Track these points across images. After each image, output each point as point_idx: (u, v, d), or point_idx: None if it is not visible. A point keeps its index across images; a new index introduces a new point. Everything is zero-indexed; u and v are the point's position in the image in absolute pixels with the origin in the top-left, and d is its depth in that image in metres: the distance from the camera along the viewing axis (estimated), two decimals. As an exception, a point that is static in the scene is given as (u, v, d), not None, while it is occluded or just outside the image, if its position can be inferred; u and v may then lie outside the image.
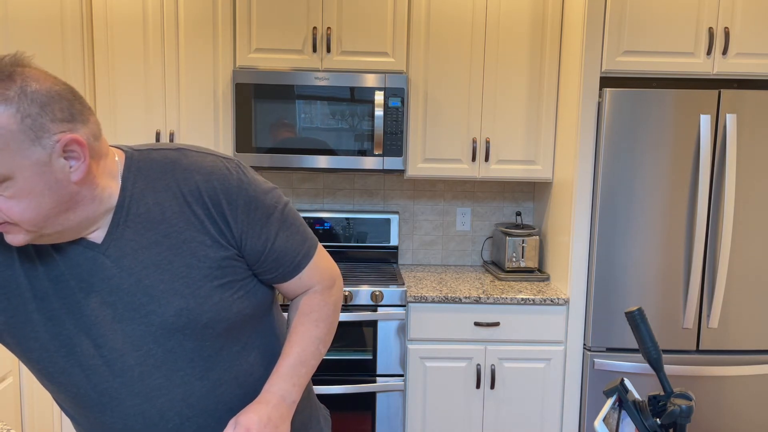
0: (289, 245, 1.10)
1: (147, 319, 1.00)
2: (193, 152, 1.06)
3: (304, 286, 1.15)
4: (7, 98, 0.86)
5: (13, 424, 2.17)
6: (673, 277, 2.55)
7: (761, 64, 2.56)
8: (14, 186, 0.88)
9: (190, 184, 1.02)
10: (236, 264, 1.05)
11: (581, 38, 2.56)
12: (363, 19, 2.75)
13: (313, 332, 1.13)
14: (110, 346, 1.00)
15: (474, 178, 2.87)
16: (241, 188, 1.04)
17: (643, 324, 1.00)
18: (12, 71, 0.88)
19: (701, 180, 2.47)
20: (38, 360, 1.02)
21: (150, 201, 1.01)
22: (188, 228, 1.02)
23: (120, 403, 1.02)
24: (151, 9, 2.71)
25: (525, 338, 2.65)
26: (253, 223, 1.05)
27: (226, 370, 1.07)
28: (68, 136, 0.90)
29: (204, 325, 1.02)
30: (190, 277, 1.01)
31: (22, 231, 0.92)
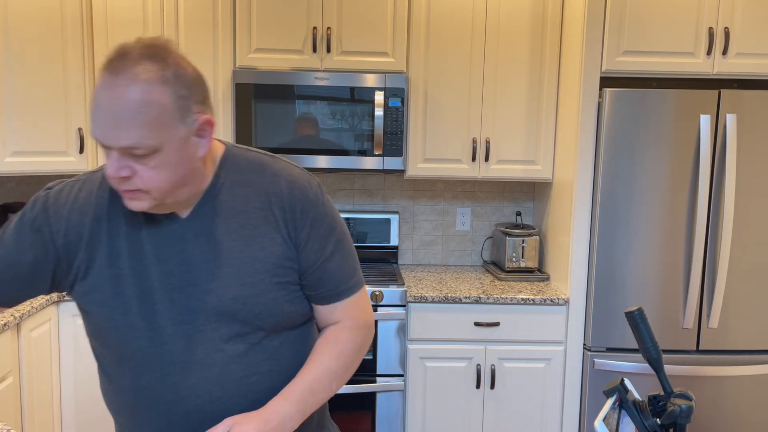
0: (337, 272, 1.16)
1: (205, 297, 1.07)
2: (284, 162, 1.18)
3: (337, 318, 1.19)
4: (166, 79, 0.96)
5: (13, 424, 2.17)
6: (673, 277, 2.55)
7: (761, 64, 2.56)
8: (159, 158, 0.97)
9: (275, 187, 1.12)
10: (294, 268, 1.13)
11: (581, 38, 2.56)
12: (363, 19, 2.75)
13: (332, 365, 1.15)
14: (164, 313, 1.07)
15: (474, 178, 2.87)
16: (316, 204, 1.14)
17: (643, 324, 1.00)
18: (167, 54, 0.98)
19: (701, 180, 2.47)
20: (97, 313, 1.09)
21: (237, 192, 1.11)
22: (264, 224, 1.10)
23: (159, 369, 1.08)
24: (151, 9, 2.71)
25: (525, 338, 2.65)
26: (314, 237, 1.13)
27: (263, 360, 1.11)
28: (204, 117, 1.01)
29: (255, 315, 1.08)
30: (254, 268, 1.08)
31: (148, 198, 1.01)
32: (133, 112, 0.94)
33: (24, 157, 2.52)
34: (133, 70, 0.94)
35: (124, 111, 0.93)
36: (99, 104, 0.95)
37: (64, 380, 2.53)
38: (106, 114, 0.94)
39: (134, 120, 0.94)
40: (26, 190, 3.09)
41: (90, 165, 2.71)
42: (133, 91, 0.94)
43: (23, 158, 2.51)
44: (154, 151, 0.96)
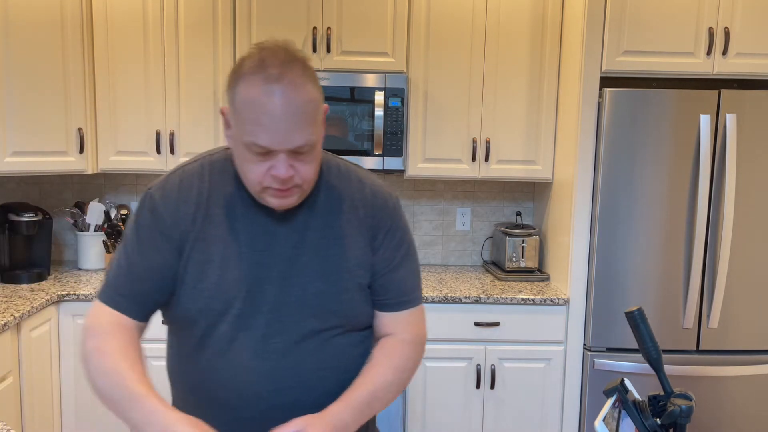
0: (402, 283, 1.22)
1: (290, 290, 1.13)
2: (368, 172, 1.27)
3: (394, 328, 1.24)
4: (315, 78, 1.05)
5: (13, 424, 2.17)
6: (673, 277, 2.55)
7: (761, 64, 2.56)
8: (313, 151, 1.07)
9: (361, 194, 1.20)
10: (370, 272, 1.20)
11: (581, 38, 2.56)
12: (363, 19, 2.75)
13: (389, 377, 1.19)
14: (250, 301, 1.12)
15: (474, 178, 2.87)
16: (393, 215, 1.22)
17: (643, 324, 1.00)
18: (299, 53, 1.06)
19: (701, 180, 2.47)
20: (183, 294, 1.13)
21: (328, 194, 1.18)
22: (348, 226, 1.17)
23: (238, 354, 1.12)
24: (151, 9, 2.71)
25: (525, 338, 2.65)
26: (386, 246, 1.20)
27: (334, 356, 1.17)
28: (324, 106, 1.10)
29: (332, 312, 1.15)
30: (338, 267, 1.15)
31: (298, 193, 1.09)
32: (303, 112, 1.01)
33: (24, 157, 2.52)
34: (290, 75, 1.01)
35: (296, 113, 1.01)
36: (269, 111, 1.00)
37: (64, 380, 2.53)
38: (279, 120, 1.00)
39: (304, 120, 1.02)
40: (26, 190, 3.09)
41: (91, 165, 2.71)
42: (298, 92, 1.01)
43: (23, 158, 2.51)
44: (314, 145, 1.05)
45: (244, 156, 1.05)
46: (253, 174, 1.05)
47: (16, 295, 2.42)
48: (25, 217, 2.65)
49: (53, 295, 2.45)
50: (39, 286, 2.59)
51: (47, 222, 2.79)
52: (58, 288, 2.55)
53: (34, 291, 2.50)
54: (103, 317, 1.14)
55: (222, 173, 1.16)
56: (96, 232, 2.90)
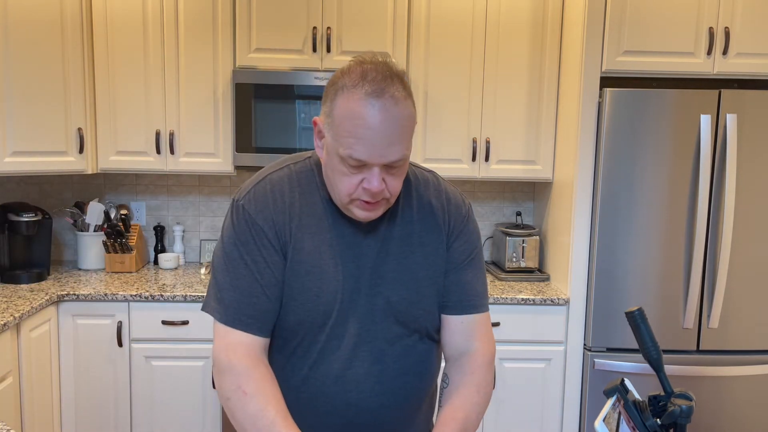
0: (469, 285, 1.23)
1: (375, 298, 1.15)
2: (443, 180, 1.29)
3: (465, 338, 1.23)
4: (409, 93, 1.07)
5: (13, 424, 2.17)
6: (673, 277, 2.55)
7: (761, 64, 2.56)
8: (404, 166, 1.09)
9: (439, 201, 1.22)
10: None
11: (581, 38, 2.56)
12: (363, 19, 2.75)
13: (475, 398, 1.19)
14: (340, 311, 1.14)
15: (474, 178, 2.87)
16: (466, 221, 1.25)
17: (644, 324, 0.99)
18: (395, 66, 1.09)
19: (701, 180, 2.47)
20: (288, 305, 1.14)
21: (408, 203, 1.20)
22: (429, 234, 1.20)
23: (329, 364, 1.15)
24: (151, 9, 2.71)
25: (525, 338, 2.65)
26: (458, 251, 1.22)
27: (416, 362, 1.19)
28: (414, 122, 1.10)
29: (414, 318, 1.18)
30: (418, 274, 1.18)
31: (385, 205, 1.11)
32: (403, 128, 1.04)
33: (24, 157, 2.51)
34: (391, 90, 1.03)
35: (395, 128, 1.03)
36: (369, 125, 1.01)
37: (64, 380, 2.53)
38: (378, 134, 1.02)
39: (403, 135, 1.04)
40: (26, 190, 3.09)
41: (90, 165, 2.71)
42: (398, 108, 1.03)
43: (23, 158, 2.51)
44: (406, 159, 1.07)
45: (337, 167, 1.07)
46: (344, 186, 1.07)
47: (16, 295, 2.42)
48: (24, 217, 2.65)
49: (53, 295, 2.44)
50: (39, 286, 2.59)
51: (47, 222, 2.79)
52: (58, 288, 2.55)
53: (33, 291, 2.50)
54: (237, 347, 1.11)
55: (309, 183, 1.17)
56: (96, 232, 2.90)
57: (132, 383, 2.56)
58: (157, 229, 3.09)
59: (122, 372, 2.54)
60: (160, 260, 2.98)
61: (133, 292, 2.51)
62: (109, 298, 2.49)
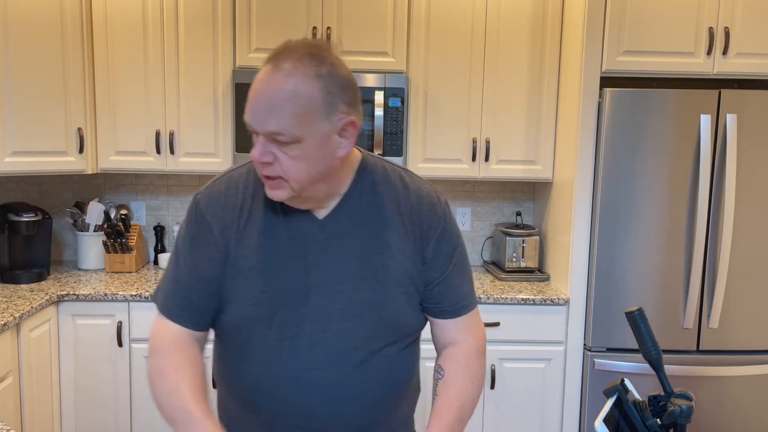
0: (458, 288, 1.21)
1: (335, 298, 1.11)
2: (416, 176, 1.23)
3: (457, 335, 1.23)
4: (321, 74, 1.01)
5: (13, 424, 2.17)
6: (673, 277, 2.55)
7: (761, 64, 2.56)
8: (299, 149, 1.02)
9: (407, 200, 1.17)
10: (418, 280, 1.17)
11: (581, 38, 2.56)
12: (363, 19, 2.75)
13: (470, 388, 1.19)
14: (294, 310, 1.11)
15: (474, 178, 2.87)
16: (444, 221, 1.19)
17: (643, 324, 0.99)
18: (326, 54, 1.04)
19: (701, 180, 2.47)
20: (228, 302, 1.13)
21: (372, 201, 1.15)
22: (395, 234, 1.15)
23: (282, 364, 1.11)
24: (151, 9, 2.71)
25: (525, 338, 2.65)
26: (439, 253, 1.18)
27: (379, 368, 1.14)
28: (350, 118, 1.05)
29: (379, 320, 1.12)
30: (384, 275, 1.13)
31: (287, 188, 1.06)
32: (285, 100, 1.00)
33: (24, 157, 2.51)
34: (292, 64, 1.01)
35: (277, 99, 1.00)
36: (256, 91, 1.02)
37: (64, 380, 2.53)
38: (260, 100, 1.01)
39: (284, 108, 1.00)
40: (26, 190, 3.09)
41: (90, 165, 2.71)
42: (289, 82, 1.00)
43: (23, 158, 2.51)
44: (296, 140, 1.01)
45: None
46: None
47: (16, 295, 2.42)
48: (24, 217, 2.65)
49: (53, 295, 2.44)
50: (39, 286, 2.59)
51: (47, 222, 2.79)
52: (58, 288, 2.55)
53: (33, 291, 2.50)
54: (165, 334, 1.15)
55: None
56: (96, 232, 2.90)
57: (132, 383, 2.56)
58: (157, 229, 3.09)
59: (122, 372, 2.54)
60: (160, 260, 2.98)
61: (133, 292, 2.51)
62: (109, 298, 2.49)
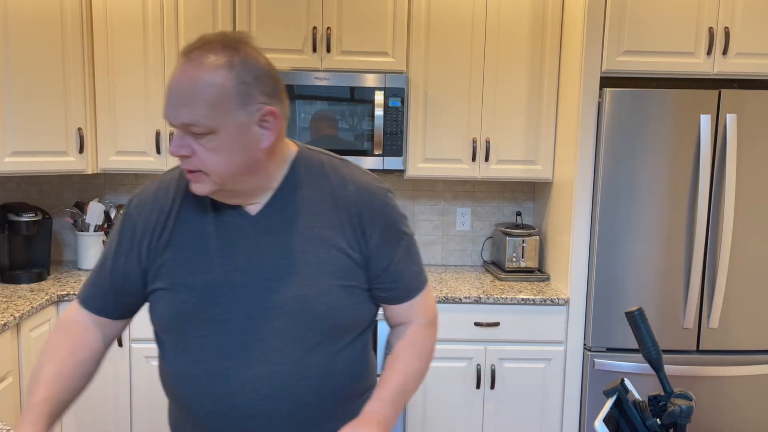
0: (408, 273, 1.21)
1: (267, 294, 1.10)
2: (355, 167, 1.21)
3: (410, 315, 1.24)
4: (232, 64, 1.01)
5: (13, 424, 2.17)
6: (673, 277, 2.55)
7: (761, 64, 2.56)
8: (216, 140, 1.02)
9: (343, 191, 1.15)
10: (359, 273, 1.15)
11: (581, 38, 2.56)
12: (363, 19, 2.75)
13: (416, 364, 1.20)
14: (224, 307, 1.10)
15: (474, 178, 2.87)
16: (384, 209, 1.17)
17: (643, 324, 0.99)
18: (238, 45, 1.03)
19: (701, 180, 2.47)
20: (158, 299, 1.13)
21: (306, 193, 1.14)
22: (330, 227, 1.13)
23: (212, 361, 1.10)
24: (151, 9, 2.71)
25: (525, 338, 2.65)
26: (385, 242, 1.17)
27: (314, 366, 1.12)
28: (268, 108, 1.04)
29: (314, 316, 1.10)
30: (317, 269, 1.11)
31: (209, 182, 1.05)
32: (196, 90, 0.99)
33: (24, 157, 2.51)
34: (203, 55, 1.01)
35: (188, 89, 0.99)
36: (169, 85, 1.02)
37: (64, 380, 2.52)
38: (173, 93, 1.01)
39: (196, 99, 0.99)
40: (26, 190, 3.09)
41: (90, 165, 2.71)
42: (200, 72, 1.00)
43: (23, 158, 2.51)
44: (211, 131, 1.01)
45: None
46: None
47: (16, 295, 2.42)
48: (24, 217, 2.65)
49: (53, 295, 2.44)
50: (39, 286, 2.59)
51: (47, 222, 2.79)
52: (58, 288, 2.55)
53: (33, 291, 2.50)
54: (70, 314, 1.21)
55: None
56: (96, 232, 2.90)
57: (132, 383, 2.56)
58: (157, 229, 3.08)
59: (122, 372, 2.54)
60: (160, 260, 2.98)
61: (133, 292, 2.51)
62: (109, 298, 2.49)
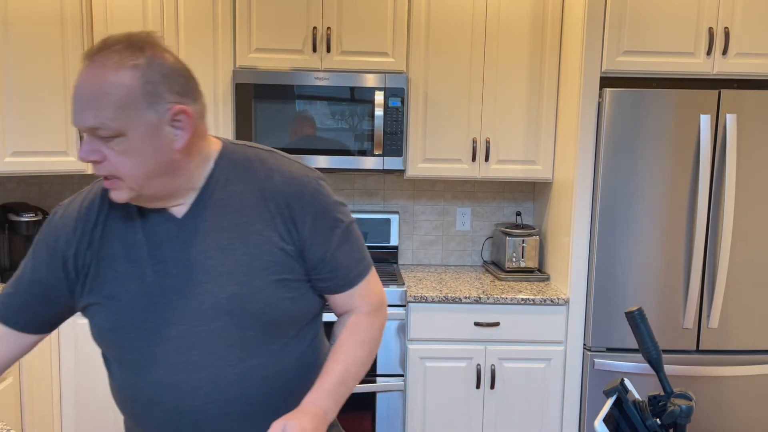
0: (348, 260, 1.17)
1: (201, 297, 1.07)
2: (283, 157, 1.17)
3: (354, 303, 1.21)
4: (137, 64, 0.98)
5: (13, 424, 2.17)
6: (673, 277, 2.55)
7: (761, 64, 2.56)
8: (126, 143, 0.98)
9: (270, 183, 1.11)
10: (295, 265, 1.12)
11: (581, 38, 2.56)
12: (363, 19, 2.75)
13: (357, 353, 1.17)
14: (161, 314, 1.07)
15: (474, 178, 2.87)
16: (315, 198, 1.13)
17: (643, 324, 0.99)
18: (143, 44, 1.00)
19: (701, 180, 2.47)
20: (95, 315, 1.10)
21: (232, 190, 1.11)
22: (259, 221, 1.10)
23: (154, 370, 1.08)
24: (151, 9, 2.71)
25: (525, 338, 2.65)
26: (318, 231, 1.13)
27: (258, 365, 1.10)
28: (178, 107, 1.01)
29: (251, 314, 1.08)
30: (249, 266, 1.08)
31: (125, 187, 1.02)
32: (101, 92, 0.96)
33: (24, 157, 2.52)
34: (106, 56, 0.97)
35: (92, 92, 0.96)
36: (74, 89, 0.99)
37: (64, 380, 2.53)
38: (78, 97, 0.98)
39: (100, 101, 0.96)
40: (26, 190, 3.09)
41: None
42: (103, 73, 0.96)
43: (23, 158, 2.51)
44: (119, 134, 0.97)
45: None
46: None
47: (16, 295, 2.42)
48: (25, 217, 2.65)
49: (53, 295, 2.44)
50: (39, 286, 2.59)
51: (47, 222, 2.79)
52: (58, 288, 2.55)
53: (34, 291, 2.50)
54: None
55: None
56: (96, 232, 2.89)
57: (132, 383, 2.56)
58: (157, 229, 3.09)
59: (122, 372, 2.54)
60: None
61: (133, 292, 2.51)
62: (109, 298, 2.49)
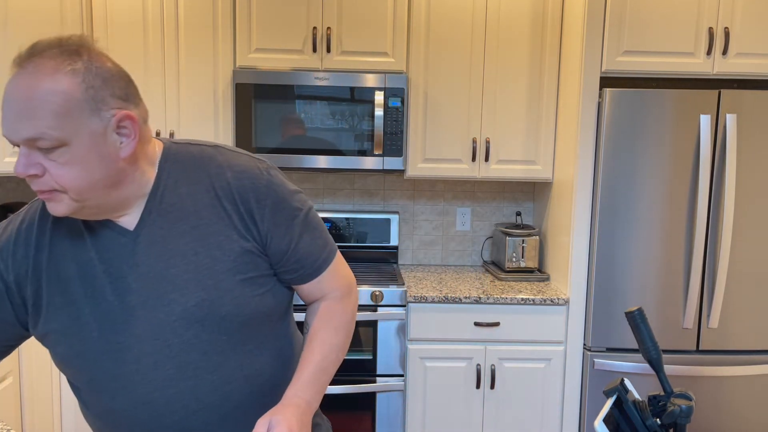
0: (312, 248, 1.14)
1: (168, 308, 1.02)
2: (228, 150, 1.11)
3: (323, 290, 1.18)
4: (75, 69, 0.92)
5: (13, 424, 2.17)
6: (673, 277, 2.55)
7: (761, 64, 2.56)
8: (69, 153, 0.91)
9: (222, 180, 1.06)
10: (259, 260, 1.08)
11: (581, 38, 2.56)
12: (363, 19, 2.75)
13: (333, 340, 1.16)
14: (129, 332, 1.02)
15: (474, 178, 2.87)
16: (270, 189, 1.08)
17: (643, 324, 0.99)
18: (78, 48, 0.94)
19: (701, 180, 2.47)
20: (57, 344, 1.04)
21: (183, 192, 1.05)
22: (216, 221, 1.05)
23: (131, 390, 1.03)
24: (151, 9, 2.71)
25: (525, 338, 2.65)
26: (278, 224, 1.09)
27: (237, 367, 1.08)
28: (123, 112, 0.95)
29: (222, 318, 1.04)
30: (213, 269, 1.04)
31: (66, 200, 0.95)
32: (37, 101, 0.89)
33: (24, 157, 2.51)
34: (39, 62, 0.91)
35: (28, 100, 0.89)
36: (5, 99, 0.91)
37: (64, 380, 2.53)
38: (11, 107, 0.90)
39: (38, 109, 0.89)
40: (26, 190, 3.09)
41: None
42: (37, 80, 0.90)
43: (23, 158, 2.51)
44: (61, 143, 0.91)
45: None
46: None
47: (16, 295, 2.42)
48: (25, 217, 2.65)
49: (53, 295, 2.44)
50: (39, 286, 2.59)
51: (47, 222, 2.78)
52: (58, 288, 2.55)
53: (34, 291, 2.50)
54: None
55: None
56: (96, 232, 2.89)
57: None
58: (157, 229, 3.09)
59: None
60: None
61: (133, 292, 2.51)
62: (109, 298, 2.49)
